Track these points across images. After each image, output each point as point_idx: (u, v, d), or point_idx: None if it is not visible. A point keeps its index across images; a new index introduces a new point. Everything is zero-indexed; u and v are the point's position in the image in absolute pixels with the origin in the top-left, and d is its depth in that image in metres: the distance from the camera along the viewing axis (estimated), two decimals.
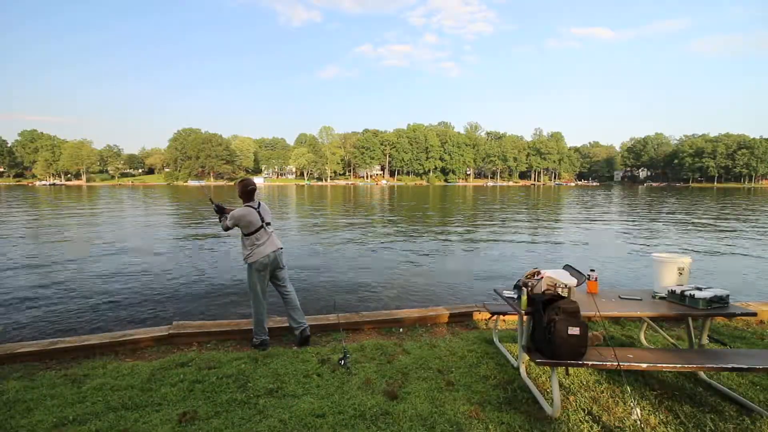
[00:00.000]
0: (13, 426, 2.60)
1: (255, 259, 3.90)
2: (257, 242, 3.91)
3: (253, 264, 3.91)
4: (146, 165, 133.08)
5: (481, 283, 7.85)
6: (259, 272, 3.93)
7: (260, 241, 3.92)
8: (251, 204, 4.00)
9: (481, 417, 2.65)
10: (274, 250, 3.98)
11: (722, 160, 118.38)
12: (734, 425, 2.56)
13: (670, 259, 3.36)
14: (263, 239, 3.94)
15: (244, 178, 4.19)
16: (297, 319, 4.06)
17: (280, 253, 4.07)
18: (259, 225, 3.94)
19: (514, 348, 3.80)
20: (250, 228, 3.90)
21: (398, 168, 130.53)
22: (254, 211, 3.95)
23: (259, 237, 3.93)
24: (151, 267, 9.12)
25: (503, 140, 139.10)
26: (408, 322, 4.67)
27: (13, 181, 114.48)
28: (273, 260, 3.98)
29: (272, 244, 4.00)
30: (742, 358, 2.80)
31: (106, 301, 6.54)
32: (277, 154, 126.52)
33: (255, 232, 3.92)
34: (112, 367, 3.50)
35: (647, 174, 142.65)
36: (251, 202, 4.02)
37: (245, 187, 4.03)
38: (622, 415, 2.68)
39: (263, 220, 3.98)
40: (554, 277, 3.04)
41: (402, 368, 3.41)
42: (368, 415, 2.67)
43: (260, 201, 4.11)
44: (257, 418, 2.67)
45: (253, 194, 4.04)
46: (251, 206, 3.97)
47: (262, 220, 3.97)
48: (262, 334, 3.97)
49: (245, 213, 3.91)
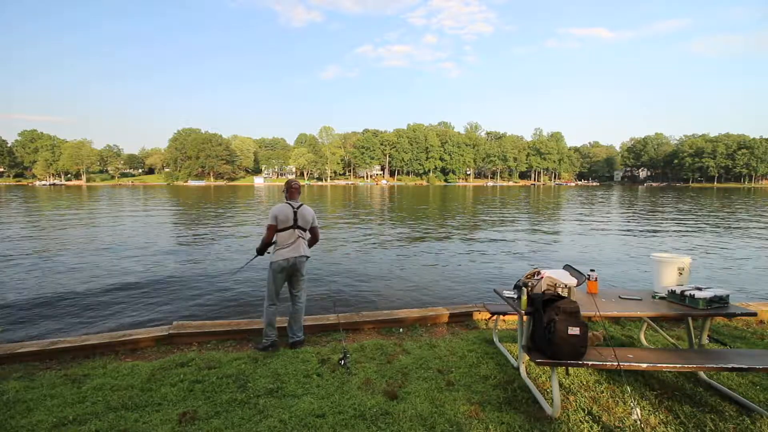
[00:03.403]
0: (13, 426, 2.60)
1: (275, 259, 3.91)
2: (283, 243, 3.90)
3: (272, 263, 3.92)
4: (146, 165, 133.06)
5: (481, 283, 7.85)
6: (275, 272, 3.92)
7: (286, 243, 3.90)
8: (291, 202, 3.99)
9: (481, 417, 2.65)
10: (296, 256, 3.92)
11: (722, 160, 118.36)
12: (734, 425, 2.56)
13: (670, 259, 3.36)
14: (289, 241, 3.91)
15: (290, 179, 4.16)
16: (294, 331, 4.06)
17: (302, 260, 3.99)
18: (290, 224, 3.92)
19: (514, 348, 3.80)
20: (282, 225, 3.90)
21: (398, 168, 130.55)
22: (290, 209, 3.93)
23: (287, 237, 3.91)
24: (151, 267, 9.12)
25: (503, 140, 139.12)
26: (408, 322, 4.67)
27: (13, 181, 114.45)
28: (292, 265, 3.93)
29: (296, 249, 3.94)
30: (742, 358, 2.80)
31: (106, 301, 6.54)
32: (277, 154, 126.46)
33: (284, 230, 3.91)
34: (112, 367, 3.50)
35: (647, 174, 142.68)
36: (292, 200, 4.02)
37: (287, 185, 4.06)
38: (622, 415, 2.68)
39: (296, 221, 3.94)
40: (554, 277, 3.04)
41: (402, 368, 3.41)
42: (368, 415, 2.67)
43: (303, 204, 4.06)
44: (257, 418, 2.66)
45: (294, 193, 4.03)
46: (290, 204, 3.97)
47: (295, 220, 3.94)
48: (272, 336, 3.91)
49: (281, 209, 3.91)
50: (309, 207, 4.10)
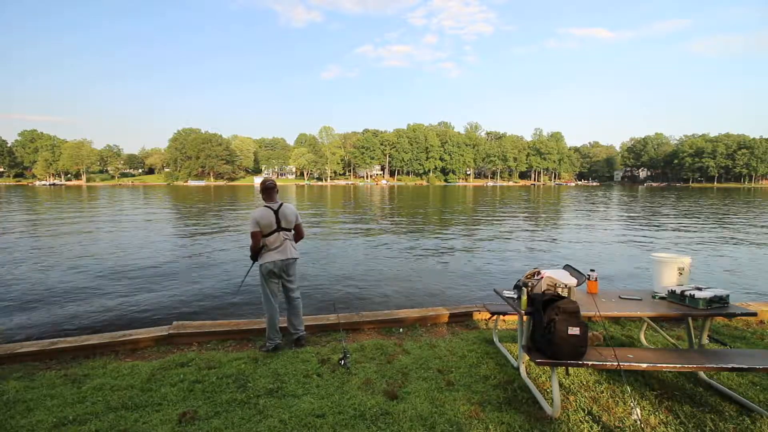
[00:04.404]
0: (13, 426, 2.60)
1: (262, 262, 3.86)
2: (269, 246, 3.83)
3: (261, 266, 3.88)
4: (146, 165, 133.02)
5: (481, 283, 7.85)
6: (265, 276, 3.87)
7: (272, 246, 3.83)
8: (270, 205, 3.88)
9: (481, 417, 2.65)
10: (283, 259, 3.85)
11: (722, 160, 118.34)
12: (734, 425, 2.56)
13: (670, 259, 3.36)
14: (276, 244, 3.83)
15: (264, 178, 4.04)
16: (296, 326, 4.06)
17: (291, 262, 3.94)
18: (274, 228, 3.84)
19: (514, 348, 3.80)
20: (266, 230, 3.81)
21: (398, 168, 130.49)
22: (271, 212, 3.83)
23: (273, 241, 3.83)
24: (151, 267, 9.12)
25: (503, 140, 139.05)
26: (408, 322, 4.67)
27: (13, 181, 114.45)
28: (280, 268, 3.87)
29: (283, 252, 3.86)
30: (742, 358, 2.80)
31: (106, 301, 6.54)
32: (277, 154, 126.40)
33: (269, 234, 3.83)
34: (112, 367, 3.50)
35: (647, 174, 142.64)
36: (271, 202, 3.90)
37: (262, 185, 3.92)
38: (622, 415, 2.68)
39: (279, 223, 3.86)
40: (554, 277, 3.04)
41: (402, 368, 3.41)
42: (368, 415, 2.67)
43: (283, 202, 3.96)
44: (257, 418, 2.66)
45: (271, 193, 3.90)
46: (269, 207, 3.86)
47: (278, 222, 3.86)
48: (276, 338, 3.89)
49: (261, 215, 3.80)
50: (289, 205, 4.01)
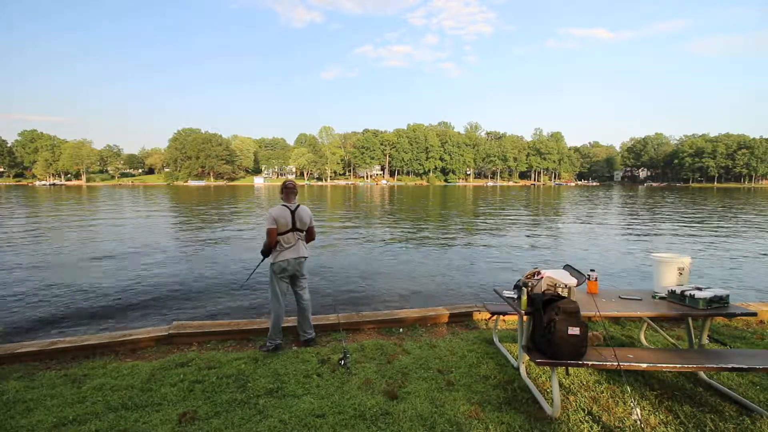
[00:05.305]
0: (13, 426, 2.60)
1: (275, 260, 3.94)
2: (284, 245, 3.94)
3: (273, 265, 3.96)
4: (146, 165, 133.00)
5: (481, 283, 7.85)
6: (276, 274, 3.95)
7: (286, 245, 3.95)
8: (288, 205, 4.01)
9: (481, 417, 2.65)
10: (295, 257, 3.98)
11: (722, 160, 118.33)
12: (734, 425, 2.56)
13: (670, 259, 3.36)
14: (290, 243, 3.96)
15: (285, 179, 4.20)
16: (305, 329, 4.13)
17: (302, 261, 4.06)
18: (289, 227, 3.96)
19: (514, 348, 3.80)
20: (282, 229, 3.93)
21: (398, 168, 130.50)
22: (288, 212, 3.96)
23: (287, 240, 3.96)
24: (152, 267, 9.12)
25: (503, 140, 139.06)
26: (408, 322, 4.67)
27: (13, 181, 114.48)
28: (293, 267, 4.00)
29: (296, 251, 3.99)
30: (742, 358, 2.80)
31: (107, 301, 6.54)
32: (277, 154, 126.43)
33: (284, 233, 3.94)
34: (112, 367, 3.50)
35: (647, 174, 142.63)
36: (289, 202, 4.04)
37: (283, 186, 4.08)
38: (622, 415, 2.68)
39: (294, 223, 3.98)
40: (554, 277, 3.04)
41: (402, 368, 3.41)
42: (368, 415, 2.66)
43: (300, 204, 4.09)
44: (257, 418, 2.66)
45: (290, 194, 4.04)
46: (287, 206, 3.99)
47: (293, 223, 3.97)
48: (277, 339, 3.94)
49: (279, 213, 3.93)
50: (305, 207, 4.13)
